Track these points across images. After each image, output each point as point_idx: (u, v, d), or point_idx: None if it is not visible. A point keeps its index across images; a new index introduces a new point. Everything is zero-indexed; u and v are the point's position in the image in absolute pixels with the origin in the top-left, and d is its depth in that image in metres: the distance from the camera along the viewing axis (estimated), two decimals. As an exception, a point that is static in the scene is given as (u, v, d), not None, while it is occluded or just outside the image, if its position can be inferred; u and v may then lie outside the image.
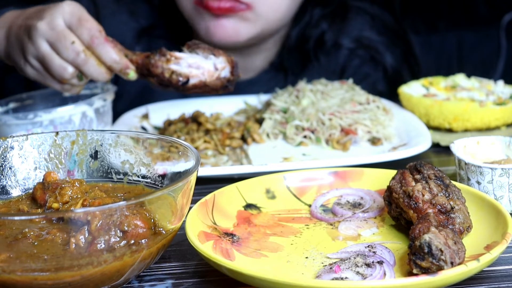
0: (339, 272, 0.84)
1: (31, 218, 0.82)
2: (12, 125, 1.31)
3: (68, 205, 0.89)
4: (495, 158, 1.12)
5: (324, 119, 1.39)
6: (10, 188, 0.98)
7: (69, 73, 1.23)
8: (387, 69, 1.78)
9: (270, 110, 1.46)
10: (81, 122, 1.34)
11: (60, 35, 1.21)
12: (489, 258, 0.82)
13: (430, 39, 2.39)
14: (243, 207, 1.03)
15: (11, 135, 1.00)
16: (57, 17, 1.22)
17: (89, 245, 0.79)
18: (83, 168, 1.02)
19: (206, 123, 1.42)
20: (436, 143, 1.38)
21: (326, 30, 1.75)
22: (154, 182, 0.98)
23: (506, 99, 1.45)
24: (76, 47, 1.21)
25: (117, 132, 1.02)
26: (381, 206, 1.03)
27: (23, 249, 0.79)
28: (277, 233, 0.98)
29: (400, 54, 1.81)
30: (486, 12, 2.47)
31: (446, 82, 1.56)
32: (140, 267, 0.84)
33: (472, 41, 2.42)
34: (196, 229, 0.92)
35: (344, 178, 1.09)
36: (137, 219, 0.81)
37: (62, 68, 1.22)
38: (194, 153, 0.92)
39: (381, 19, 1.82)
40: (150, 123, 1.52)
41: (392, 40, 1.81)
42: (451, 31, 2.44)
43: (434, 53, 2.38)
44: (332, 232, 0.98)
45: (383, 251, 0.89)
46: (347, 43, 1.77)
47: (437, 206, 0.90)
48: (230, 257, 0.89)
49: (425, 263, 0.80)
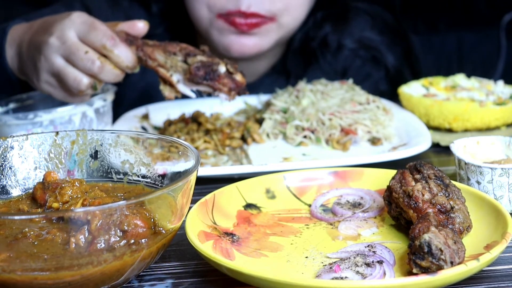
0: (339, 271, 0.84)
1: (31, 218, 0.82)
2: (12, 125, 1.31)
3: (68, 205, 0.89)
4: (495, 158, 1.12)
5: (324, 119, 1.39)
6: (10, 188, 0.98)
7: (85, 84, 1.23)
8: (388, 68, 1.78)
9: (270, 110, 1.46)
10: (81, 122, 1.34)
11: (73, 48, 1.21)
12: (489, 258, 0.82)
13: (430, 39, 2.38)
14: (243, 207, 1.03)
15: (11, 135, 1.00)
16: (68, 30, 1.22)
17: (89, 244, 0.79)
18: (83, 168, 1.02)
19: (206, 123, 1.42)
20: (436, 143, 1.38)
21: (329, 33, 1.75)
22: (154, 182, 0.98)
23: (506, 99, 1.45)
24: (91, 55, 1.21)
25: (117, 132, 1.02)
26: (381, 206, 1.03)
27: (23, 248, 0.79)
28: (277, 233, 0.98)
29: (401, 53, 1.81)
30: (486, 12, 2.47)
31: (446, 82, 1.56)
32: (140, 266, 0.84)
33: (472, 41, 2.42)
34: (196, 229, 0.92)
35: (344, 178, 1.09)
36: (137, 219, 0.81)
37: (78, 80, 1.22)
38: (194, 153, 0.92)
39: (381, 19, 1.82)
40: (150, 123, 1.52)
41: (393, 40, 1.81)
42: (451, 31, 2.44)
43: (434, 53, 2.38)
44: (332, 232, 0.98)
45: (383, 251, 0.89)
46: (348, 44, 1.77)
47: (437, 206, 0.90)
48: (230, 256, 0.89)
49: (425, 263, 0.80)
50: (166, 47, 1.26)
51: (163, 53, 1.26)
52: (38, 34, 1.26)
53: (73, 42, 1.21)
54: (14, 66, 1.33)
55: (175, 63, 1.25)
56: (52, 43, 1.22)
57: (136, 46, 1.25)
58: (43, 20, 1.31)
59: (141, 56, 1.24)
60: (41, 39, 1.24)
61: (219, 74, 1.24)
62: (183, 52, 1.26)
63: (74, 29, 1.22)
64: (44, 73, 1.24)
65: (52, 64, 1.22)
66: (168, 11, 1.71)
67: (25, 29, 1.32)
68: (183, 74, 1.25)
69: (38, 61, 1.24)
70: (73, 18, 1.23)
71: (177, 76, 1.26)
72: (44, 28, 1.26)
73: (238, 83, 1.25)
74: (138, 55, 1.24)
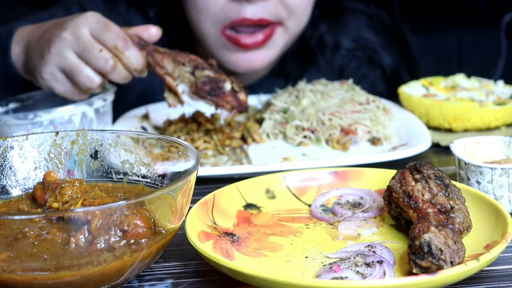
0: (339, 271, 0.84)
1: (31, 218, 0.82)
2: (12, 125, 1.31)
3: (68, 205, 0.89)
4: (495, 158, 1.12)
5: (324, 119, 1.39)
6: (10, 188, 0.98)
7: (96, 83, 1.25)
8: (385, 69, 1.78)
9: (270, 110, 1.46)
10: (81, 122, 1.34)
11: (87, 45, 1.22)
12: (489, 258, 0.82)
13: (430, 39, 2.39)
14: (243, 207, 1.03)
15: (11, 135, 1.00)
16: (82, 26, 1.22)
17: (89, 244, 0.79)
18: (83, 168, 1.02)
19: (206, 123, 1.42)
20: (436, 143, 1.38)
21: (325, 32, 1.75)
22: (154, 182, 0.98)
23: (506, 99, 1.45)
24: (105, 54, 1.22)
25: (117, 132, 1.02)
26: (381, 206, 1.03)
27: (23, 248, 0.79)
28: (277, 233, 0.98)
29: (398, 53, 1.81)
30: (486, 12, 2.47)
31: (446, 82, 1.56)
32: (140, 266, 0.84)
33: (472, 41, 2.42)
34: (196, 229, 0.92)
35: (344, 178, 1.09)
36: (137, 219, 0.81)
37: (91, 79, 1.24)
38: (194, 153, 0.92)
39: (378, 19, 1.82)
40: (150, 123, 1.52)
41: (389, 40, 1.81)
42: (451, 31, 2.44)
43: (434, 53, 2.38)
44: (332, 231, 0.98)
45: (383, 251, 0.89)
46: (345, 44, 1.76)
47: (437, 206, 0.90)
48: (230, 256, 0.89)
49: (425, 263, 0.80)
50: (175, 57, 1.29)
51: (172, 62, 1.28)
52: (50, 30, 1.27)
53: (87, 39, 1.22)
54: (19, 65, 1.33)
55: (182, 73, 1.28)
56: (65, 37, 1.22)
57: (147, 51, 1.27)
58: (55, 20, 1.32)
59: (151, 62, 1.27)
60: (54, 33, 1.24)
61: (224, 91, 1.27)
62: (192, 64, 1.29)
63: (88, 26, 1.23)
64: (52, 66, 1.25)
65: (65, 59, 1.23)
66: (164, 16, 1.70)
67: (35, 28, 1.33)
68: (189, 85, 1.29)
69: (47, 53, 1.24)
70: (87, 16, 1.24)
71: (182, 86, 1.28)
72: (56, 25, 1.27)
73: (241, 102, 1.29)
74: (148, 61, 1.27)
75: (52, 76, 1.26)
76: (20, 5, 2.31)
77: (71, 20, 1.25)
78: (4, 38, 1.34)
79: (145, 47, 1.27)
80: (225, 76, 1.29)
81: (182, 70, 1.28)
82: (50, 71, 1.25)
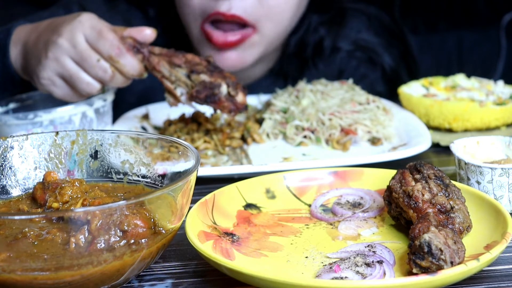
0: (339, 271, 0.84)
1: (31, 218, 0.82)
2: (12, 125, 1.31)
3: (68, 205, 0.89)
4: (495, 158, 1.12)
5: (324, 119, 1.39)
6: (10, 188, 0.98)
7: (96, 89, 1.27)
8: (385, 69, 1.77)
9: (270, 110, 1.46)
10: (81, 122, 1.34)
11: (84, 54, 1.23)
12: (489, 258, 0.82)
13: (430, 39, 2.38)
14: (243, 207, 1.03)
15: (11, 135, 1.00)
16: (77, 33, 1.23)
17: (89, 244, 0.79)
18: (83, 168, 1.02)
19: (206, 123, 1.42)
20: (436, 143, 1.38)
21: (324, 36, 1.74)
22: (154, 182, 0.98)
23: (506, 99, 1.45)
24: (103, 64, 1.23)
25: (117, 132, 1.02)
26: (381, 206, 1.03)
27: (23, 248, 0.79)
28: (277, 232, 0.98)
29: (398, 54, 1.81)
30: (486, 12, 2.47)
31: (446, 82, 1.56)
32: (140, 266, 0.84)
33: (472, 41, 2.42)
34: (196, 229, 0.92)
35: (344, 178, 1.09)
36: (137, 219, 0.81)
37: (90, 86, 1.26)
38: (194, 153, 0.92)
39: (378, 20, 1.81)
40: (150, 123, 1.52)
41: (389, 41, 1.80)
42: (451, 31, 2.44)
43: (434, 53, 2.38)
44: (332, 231, 0.98)
45: (383, 251, 0.89)
46: (344, 46, 1.76)
47: (437, 206, 0.90)
48: (230, 256, 0.89)
49: (425, 263, 0.80)
50: (171, 59, 1.29)
51: (168, 65, 1.28)
52: (46, 33, 1.27)
53: (83, 48, 1.23)
54: (17, 66, 1.33)
55: (179, 77, 1.28)
56: (61, 44, 1.23)
57: (143, 55, 1.27)
58: (51, 20, 1.31)
59: (147, 65, 1.27)
60: (50, 38, 1.24)
61: (219, 97, 1.27)
62: (188, 65, 1.28)
63: (83, 32, 1.23)
64: (50, 72, 1.25)
65: (63, 66, 1.24)
66: (164, 15, 1.70)
67: (31, 29, 1.33)
68: (186, 89, 1.29)
69: (44, 58, 1.25)
70: (82, 20, 1.24)
71: (180, 90, 1.29)
72: (52, 28, 1.27)
73: (238, 105, 1.29)
74: (144, 64, 1.27)
75: (51, 82, 1.27)
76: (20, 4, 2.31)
77: (66, 24, 1.24)
78: (3, 38, 1.34)
79: (140, 51, 1.27)
80: (221, 78, 1.28)
81: (178, 74, 1.28)
82: (48, 76, 1.26)
